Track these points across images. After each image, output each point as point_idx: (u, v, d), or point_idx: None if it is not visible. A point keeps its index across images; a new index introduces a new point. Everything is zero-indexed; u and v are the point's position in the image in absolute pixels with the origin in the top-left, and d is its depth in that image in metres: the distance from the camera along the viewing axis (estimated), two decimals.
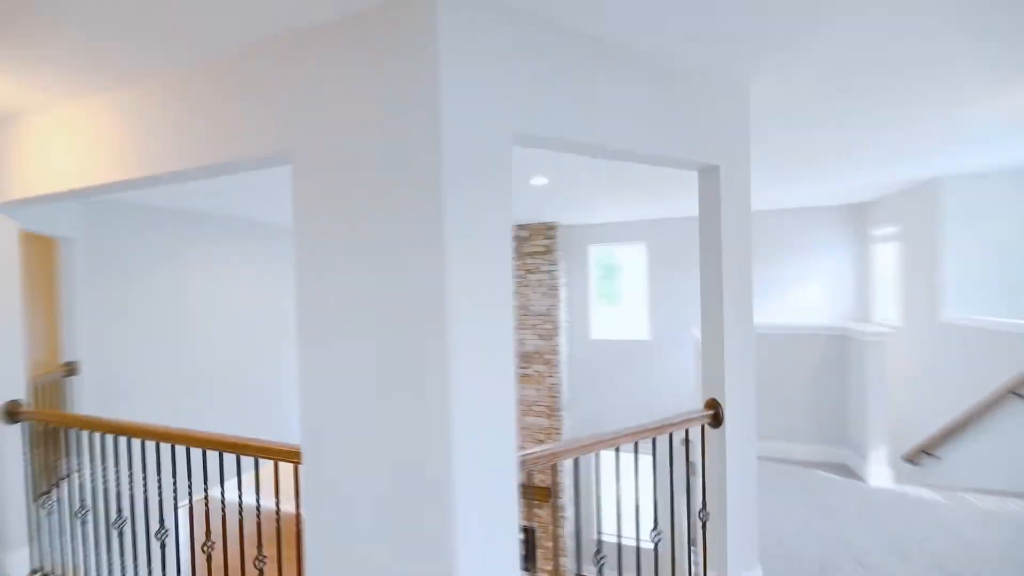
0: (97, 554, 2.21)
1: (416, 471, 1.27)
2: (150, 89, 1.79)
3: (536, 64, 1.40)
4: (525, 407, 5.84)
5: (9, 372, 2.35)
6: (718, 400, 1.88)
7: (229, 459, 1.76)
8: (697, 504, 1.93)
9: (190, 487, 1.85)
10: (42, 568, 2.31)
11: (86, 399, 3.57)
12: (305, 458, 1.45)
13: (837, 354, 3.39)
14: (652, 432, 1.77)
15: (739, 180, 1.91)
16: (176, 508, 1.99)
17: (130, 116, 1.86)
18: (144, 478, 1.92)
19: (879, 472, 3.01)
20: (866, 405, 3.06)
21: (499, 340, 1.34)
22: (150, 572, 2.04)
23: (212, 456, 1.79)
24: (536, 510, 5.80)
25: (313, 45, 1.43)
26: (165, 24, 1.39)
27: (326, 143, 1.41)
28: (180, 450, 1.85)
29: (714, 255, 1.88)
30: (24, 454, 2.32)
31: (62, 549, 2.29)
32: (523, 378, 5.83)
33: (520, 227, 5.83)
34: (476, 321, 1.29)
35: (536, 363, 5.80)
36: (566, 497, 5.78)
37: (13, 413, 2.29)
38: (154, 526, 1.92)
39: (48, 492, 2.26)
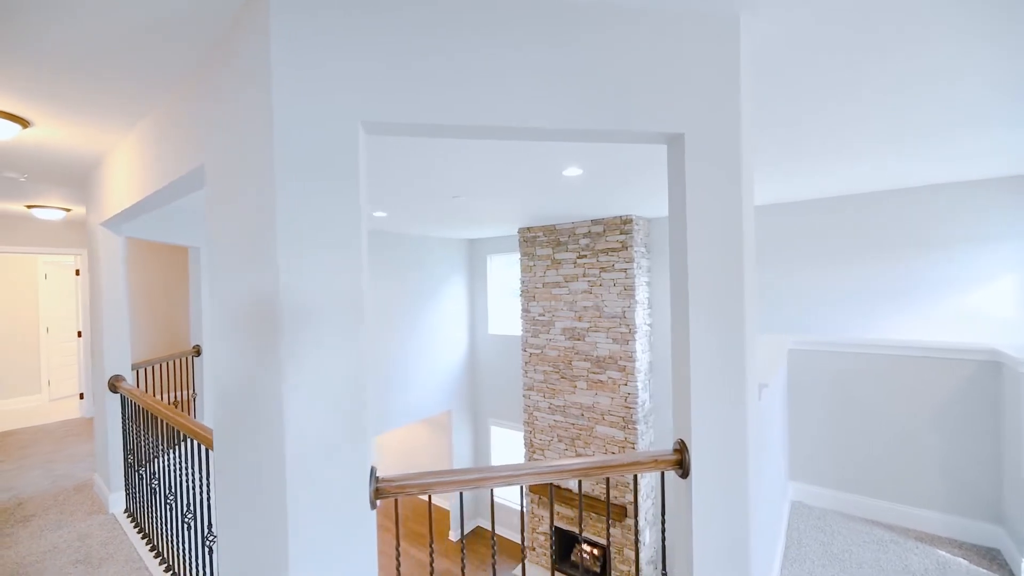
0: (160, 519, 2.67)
1: (263, 475, 1.28)
2: (137, 129, 2.14)
3: (392, 44, 1.25)
4: (597, 416, 5.44)
5: (117, 354, 2.99)
6: (686, 443, 1.45)
7: None
8: None
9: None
10: (129, 511, 2.90)
11: (205, 376, 4.42)
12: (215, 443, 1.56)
13: (987, 388, 2.35)
14: (579, 473, 1.44)
15: (719, 151, 1.43)
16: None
17: (131, 152, 2.24)
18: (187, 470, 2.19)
19: None
20: (1023, 466, 2.06)
21: (347, 350, 1.23)
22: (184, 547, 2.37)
23: None
24: (612, 528, 5.37)
25: (203, 79, 1.59)
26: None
27: (220, 158, 1.48)
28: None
29: (679, 249, 1.45)
30: (123, 420, 2.93)
31: (143, 506, 2.82)
32: (596, 384, 5.44)
33: (593, 222, 5.43)
34: (320, 327, 1.21)
35: (610, 369, 5.35)
36: (645, 519, 5.24)
37: (114, 386, 2.91)
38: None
39: (142, 465, 2.77)
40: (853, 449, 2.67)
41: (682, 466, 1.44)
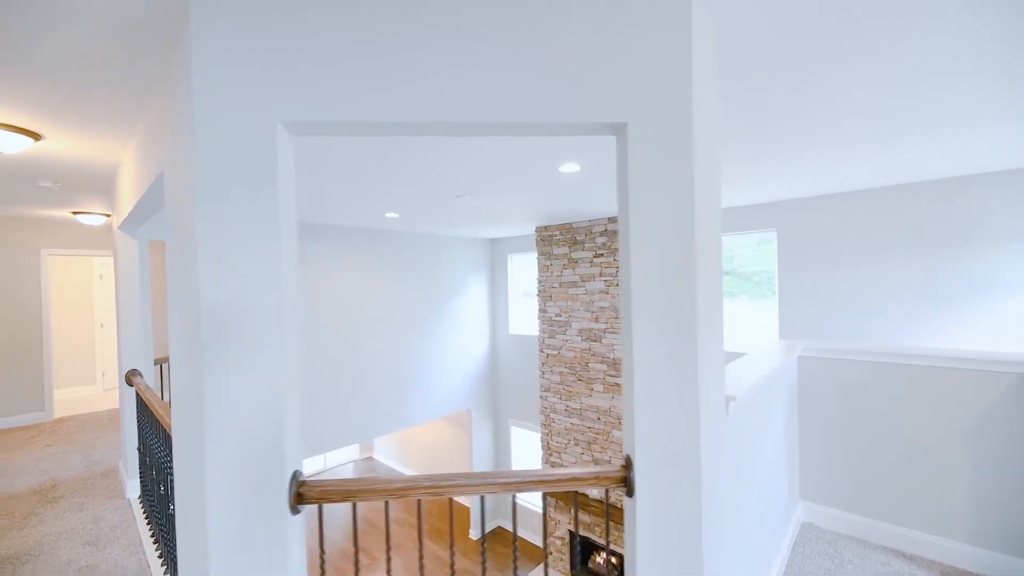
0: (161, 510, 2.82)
1: (192, 476, 1.31)
2: (136, 137, 2.25)
3: (313, 42, 1.23)
4: (614, 421, 5.27)
5: (136, 350, 3.19)
6: (632, 460, 1.34)
7: None
8: None
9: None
10: (142, 497, 3.09)
11: None
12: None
13: None
14: (513, 487, 1.36)
15: (668, 143, 1.30)
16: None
17: (131, 160, 2.36)
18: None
19: None
20: None
21: (267, 357, 1.22)
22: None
23: None
24: (621, 534, 5.19)
25: (160, 87, 1.65)
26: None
27: (170, 165, 1.53)
28: None
29: (624, 251, 1.34)
30: (137, 412, 3.13)
31: (150, 493, 3.00)
32: (612, 387, 5.27)
33: (610, 220, 5.26)
34: (237, 335, 1.21)
35: None
36: None
37: (129, 379, 3.10)
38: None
39: (148, 454, 2.97)
40: (871, 468, 2.41)
41: (627, 483, 1.33)
